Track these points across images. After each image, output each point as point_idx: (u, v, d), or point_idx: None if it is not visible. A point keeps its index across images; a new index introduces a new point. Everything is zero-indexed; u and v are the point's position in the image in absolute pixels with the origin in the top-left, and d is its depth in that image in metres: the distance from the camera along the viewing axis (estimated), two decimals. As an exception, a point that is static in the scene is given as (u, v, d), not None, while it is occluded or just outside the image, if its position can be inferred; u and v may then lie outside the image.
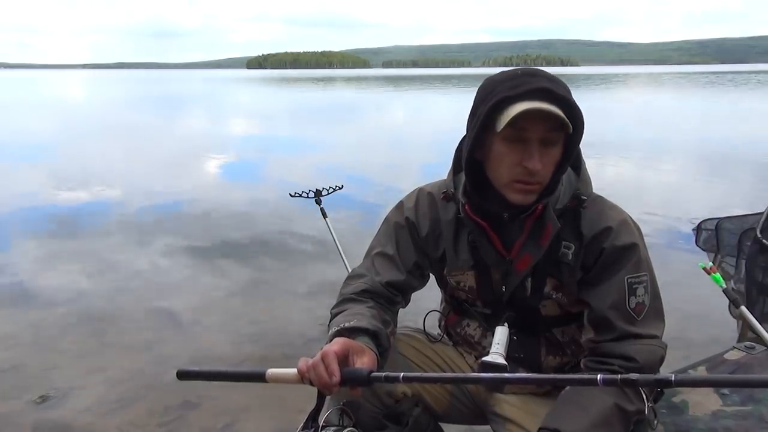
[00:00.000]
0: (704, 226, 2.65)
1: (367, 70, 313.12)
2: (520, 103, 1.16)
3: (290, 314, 3.58)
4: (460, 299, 1.47)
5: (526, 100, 1.16)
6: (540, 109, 1.15)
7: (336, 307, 1.38)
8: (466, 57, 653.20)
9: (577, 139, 1.23)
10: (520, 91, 1.16)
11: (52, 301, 3.78)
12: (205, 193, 7.28)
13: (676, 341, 2.84)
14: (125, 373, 2.84)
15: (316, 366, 1.12)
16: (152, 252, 4.85)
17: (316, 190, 3.17)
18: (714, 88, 39.38)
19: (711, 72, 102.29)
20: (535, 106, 1.14)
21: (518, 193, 1.24)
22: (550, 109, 1.15)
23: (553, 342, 1.40)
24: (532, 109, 1.14)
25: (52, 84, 68.46)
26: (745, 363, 1.66)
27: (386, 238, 1.45)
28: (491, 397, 1.42)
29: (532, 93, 1.16)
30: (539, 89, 1.16)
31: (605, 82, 55.28)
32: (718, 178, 8.19)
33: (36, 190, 7.38)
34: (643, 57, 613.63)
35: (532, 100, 1.15)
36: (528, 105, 1.15)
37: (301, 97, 35.68)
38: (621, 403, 1.19)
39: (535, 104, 1.15)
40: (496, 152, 1.23)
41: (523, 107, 1.15)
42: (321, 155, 10.75)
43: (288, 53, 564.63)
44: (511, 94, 1.17)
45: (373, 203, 6.47)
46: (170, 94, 41.55)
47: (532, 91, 1.16)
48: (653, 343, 1.25)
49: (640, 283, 1.26)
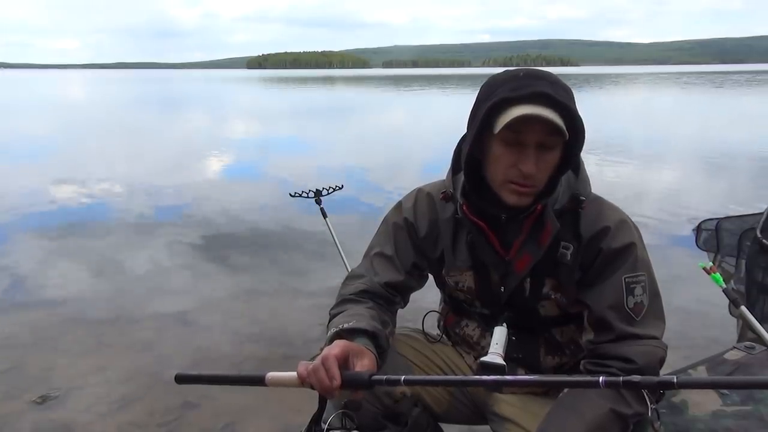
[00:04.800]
0: (704, 227, 2.64)
1: (367, 70, 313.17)
2: (518, 107, 1.15)
3: (290, 314, 3.58)
4: (458, 299, 1.47)
5: (525, 104, 1.15)
6: (537, 115, 1.14)
7: (335, 308, 1.38)
8: (466, 57, 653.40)
9: (576, 145, 1.22)
10: (520, 93, 1.16)
11: (52, 301, 3.78)
12: (206, 193, 7.27)
13: (676, 341, 2.84)
14: (125, 373, 2.84)
15: (316, 370, 1.12)
16: (152, 252, 4.85)
17: (316, 190, 3.16)
18: (714, 88, 39.37)
19: (711, 72, 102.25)
20: (532, 112, 1.14)
21: (512, 194, 1.24)
22: (547, 116, 1.14)
23: (552, 342, 1.39)
24: (529, 114, 1.14)
25: (53, 84, 68.47)
26: (745, 363, 1.66)
27: (385, 238, 1.45)
28: (490, 397, 1.42)
29: (532, 97, 1.15)
30: (539, 93, 1.15)
31: (605, 82, 55.27)
32: (718, 178, 8.19)
33: (36, 190, 7.38)
34: (643, 57, 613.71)
35: (531, 104, 1.15)
36: (526, 109, 1.14)
37: (301, 97, 35.69)
38: (617, 408, 1.18)
39: (534, 109, 1.14)
40: (494, 153, 1.23)
41: (520, 111, 1.14)
42: (321, 155, 10.75)
43: (288, 53, 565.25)
44: (510, 96, 1.16)
45: (373, 203, 6.47)
46: (170, 94, 41.56)
47: (531, 95, 1.15)
48: (653, 344, 1.24)
49: (637, 283, 1.25)
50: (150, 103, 29.53)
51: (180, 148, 11.89)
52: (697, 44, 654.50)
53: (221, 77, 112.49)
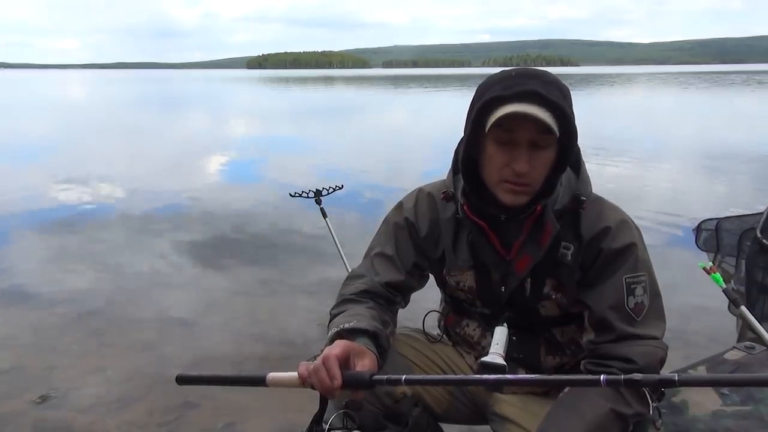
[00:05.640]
0: (704, 227, 2.64)
1: (367, 70, 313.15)
2: (508, 105, 1.16)
3: (291, 314, 3.58)
4: (459, 299, 1.47)
5: (515, 102, 1.15)
6: (525, 113, 1.14)
7: (335, 308, 1.38)
8: (466, 57, 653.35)
9: (569, 144, 1.22)
10: (511, 92, 1.16)
11: (52, 301, 3.78)
12: (206, 193, 7.28)
13: (677, 341, 2.85)
14: (125, 373, 2.84)
15: (317, 370, 1.12)
16: (152, 252, 4.85)
17: (316, 190, 3.16)
18: (714, 88, 39.36)
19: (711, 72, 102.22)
20: (520, 110, 1.14)
21: (508, 193, 1.24)
22: (535, 114, 1.14)
23: (552, 342, 1.40)
24: (517, 112, 1.14)
25: (53, 84, 68.45)
26: (745, 363, 1.66)
27: (386, 238, 1.45)
28: (491, 397, 1.42)
29: (522, 95, 1.15)
30: (529, 92, 1.15)
31: (605, 82, 55.26)
32: (718, 178, 8.19)
33: (36, 190, 7.38)
34: (643, 57, 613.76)
35: (522, 102, 1.15)
36: (515, 107, 1.15)
37: (301, 96, 35.68)
38: (617, 407, 1.19)
39: (523, 107, 1.14)
40: (487, 152, 1.24)
41: (509, 110, 1.15)
42: (321, 155, 10.75)
43: (288, 53, 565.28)
44: (501, 95, 1.17)
45: (373, 203, 6.48)
46: (171, 94, 41.55)
47: (522, 94, 1.16)
48: (653, 345, 1.24)
49: (638, 283, 1.26)
50: (150, 103, 29.52)
51: (180, 148, 11.89)
52: (697, 44, 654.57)
53: (221, 77, 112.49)
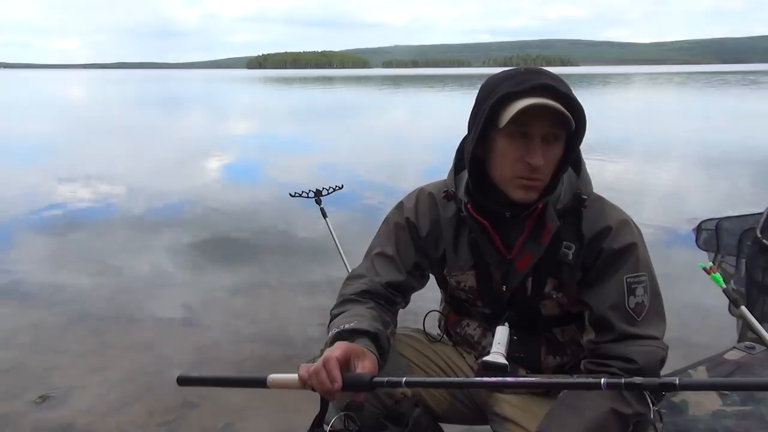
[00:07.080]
0: (704, 226, 2.65)
1: (367, 70, 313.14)
2: (523, 99, 1.17)
3: (290, 314, 3.58)
4: (460, 299, 1.46)
5: (530, 96, 1.16)
6: (544, 104, 1.15)
7: (336, 308, 1.38)
8: (466, 57, 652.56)
9: (579, 137, 1.24)
10: (524, 87, 1.17)
11: (53, 301, 3.78)
12: (206, 192, 7.27)
13: (676, 341, 2.84)
14: (125, 373, 2.84)
15: (318, 372, 1.12)
16: (152, 251, 4.85)
17: (316, 190, 3.16)
18: (714, 88, 39.36)
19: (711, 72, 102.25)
20: (538, 102, 1.15)
21: (520, 189, 1.24)
22: (554, 105, 1.15)
23: (553, 342, 1.39)
24: (536, 104, 1.15)
25: (53, 84, 68.44)
26: (745, 363, 1.66)
27: (386, 238, 1.45)
28: (491, 397, 1.42)
29: (536, 89, 1.17)
30: (542, 86, 1.17)
31: (605, 82, 55.26)
32: (718, 178, 8.19)
33: (36, 190, 7.37)
34: (643, 57, 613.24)
35: (536, 96, 1.16)
36: (532, 101, 1.16)
37: (302, 96, 35.67)
38: (618, 407, 1.18)
39: (539, 100, 1.16)
40: (499, 148, 1.24)
41: (527, 102, 1.16)
42: (321, 155, 10.75)
43: (288, 53, 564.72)
44: (514, 90, 1.18)
45: (373, 203, 6.47)
46: (171, 93, 41.55)
47: (535, 88, 1.17)
48: (653, 345, 1.24)
49: (639, 283, 1.26)
50: (151, 103, 29.52)
51: (180, 148, 11.88)
52: (697, 44, 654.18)
53: (222, 77, 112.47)
